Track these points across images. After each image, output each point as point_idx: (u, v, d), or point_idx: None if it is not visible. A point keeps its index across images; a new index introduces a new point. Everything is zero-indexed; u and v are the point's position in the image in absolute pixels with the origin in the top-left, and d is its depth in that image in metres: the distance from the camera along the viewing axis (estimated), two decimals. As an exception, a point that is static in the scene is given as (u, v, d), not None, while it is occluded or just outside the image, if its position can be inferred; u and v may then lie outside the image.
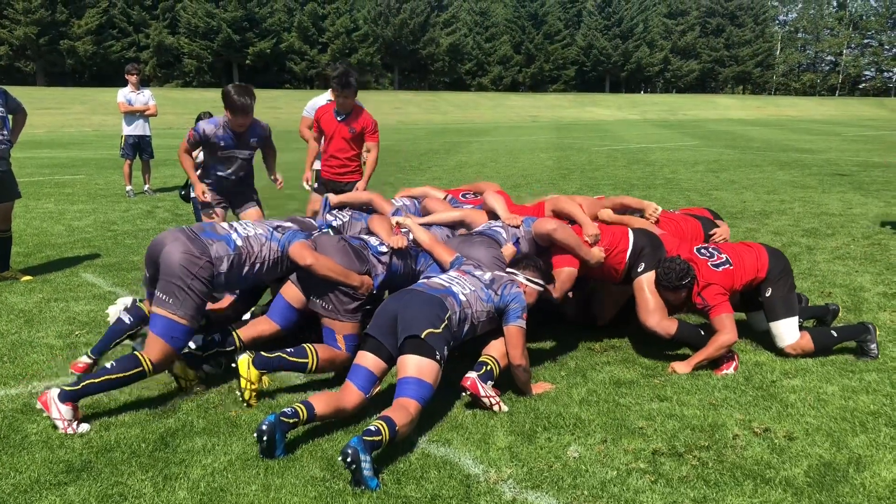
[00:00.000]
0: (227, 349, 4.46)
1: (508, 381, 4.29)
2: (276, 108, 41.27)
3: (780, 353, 4.88)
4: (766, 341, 5.08)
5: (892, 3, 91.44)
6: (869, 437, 3.75)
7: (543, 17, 78.80)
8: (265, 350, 4.20)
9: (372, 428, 3.42)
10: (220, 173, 6.14)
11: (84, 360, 4.50)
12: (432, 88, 71.71)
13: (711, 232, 5.62)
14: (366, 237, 4.74)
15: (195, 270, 4.03)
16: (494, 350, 4.30)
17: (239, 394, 4.10)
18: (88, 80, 61.83)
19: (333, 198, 5.53)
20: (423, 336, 3.79)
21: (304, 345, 4.28)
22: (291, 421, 3.56)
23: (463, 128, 40.79)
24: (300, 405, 3.62)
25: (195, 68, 65.41)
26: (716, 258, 4.90)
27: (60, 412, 3.75)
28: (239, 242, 4.24)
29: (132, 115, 12.04)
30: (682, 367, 4.70)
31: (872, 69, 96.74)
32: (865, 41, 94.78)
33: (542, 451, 3.63)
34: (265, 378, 4.20)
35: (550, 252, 4.90)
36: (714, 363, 4.71)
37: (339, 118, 6.69)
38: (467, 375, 4.09)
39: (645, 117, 53.55)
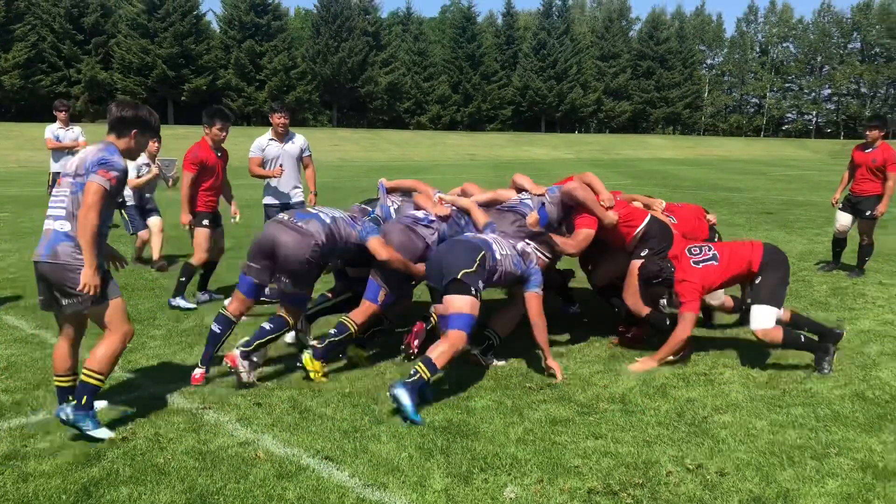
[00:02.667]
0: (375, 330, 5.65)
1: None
2: (213, 144, 40.80)
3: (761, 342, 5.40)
4: (702, 375, 5.20)
5: (811, 50, 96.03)
6: (796, 471, 3.83)
7: (480, 58, 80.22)
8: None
9: (412, 371, 4.51)
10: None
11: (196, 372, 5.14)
12: (371, 126, 71.96)
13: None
14: (414, 213, 5.79)
15: (311, 255, 4.99)
16: (495, 324, 5.46)
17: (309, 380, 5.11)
18: (15, 114, 60.07)
19: (387, 182, 6.31)
20: (459, 277, 4.78)
21: (341, 320, 5.29)
22: (416, 378, 4.47)
23: (402, 166, 40.96)
24: (420, 364, 4.54)
25: (129, 104, 64.20)
26: (702, 255, 5.51)
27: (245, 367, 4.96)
28: (328, 220, 5.19)
29: (60, 151, 11.69)
30: (644, 364, 5.43)
31: (794, 112, 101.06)
32: (787, 85, 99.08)
33: (479, 493, 3.60)
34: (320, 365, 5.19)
35: (573, 215, 5.86)
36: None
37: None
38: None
39: (580, 156, 54.71)
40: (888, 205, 9.05)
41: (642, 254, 5.80)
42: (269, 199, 8.01)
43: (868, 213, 9.02)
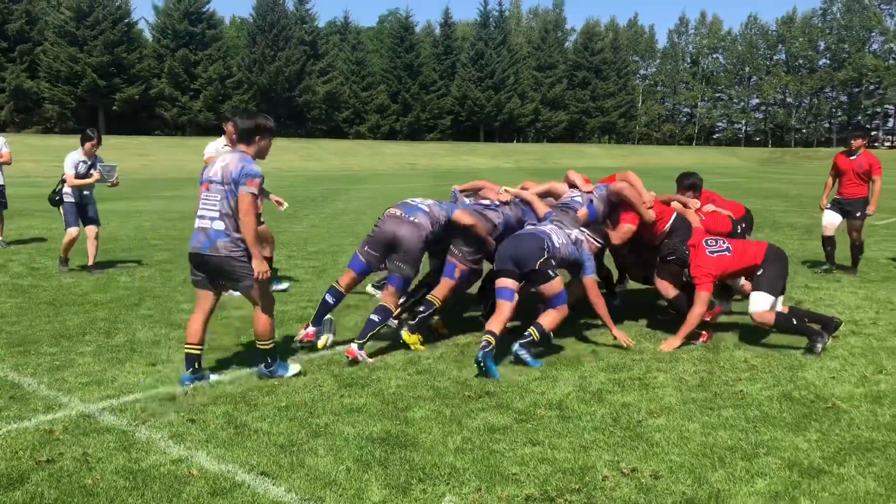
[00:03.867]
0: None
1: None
2: (145, 154, 39.91)
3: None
4: (636, 380, 5.29)
5: (739, 61, 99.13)
6: (727, 472, 3.92)
7: (419, 68, 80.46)
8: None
9: (526, 333, 5.82)
10: None
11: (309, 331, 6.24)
12: (310, 136, 71.35)
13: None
14: (482, 201, 6.83)
15: (422, 242, 6.12)
16: (542, 320, 5.91)
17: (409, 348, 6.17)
18: (-64, 125, 57.75)
19: (458, 187, 7.21)
20: (537, 268, 5.77)
21: (427, 297, 6.39)
22: (490, 348, 5.51)
23: (341, 175, 40.76)
24: (488, 336, 5.58)
25: (57, 114, 62.31)
26: (717, 246, 6.36)
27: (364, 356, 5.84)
28: (426, 209, 6.24)
29: (-17, 162, 11.29)
30: (671, 344, 6.21)
31: (724, 121, 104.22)
32: (717, 95, 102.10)
33: (417, 503, 3.59)
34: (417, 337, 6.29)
35: (618, 210, 6.86)
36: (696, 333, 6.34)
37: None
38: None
39: (518, 165, 55.29)
40: (876, 204, 9.95)
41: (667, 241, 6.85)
42: None
43: (859, 213, 9.81)
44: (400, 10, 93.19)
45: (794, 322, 6.20)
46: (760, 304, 6.15)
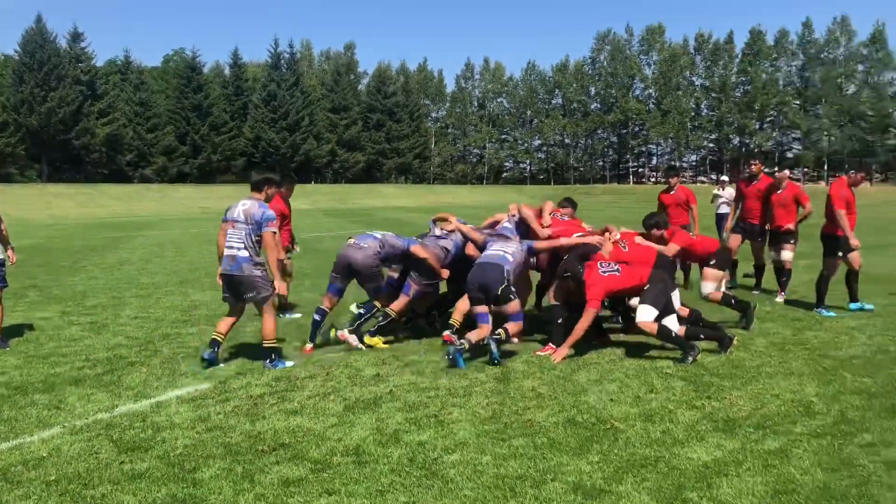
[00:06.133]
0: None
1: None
2: None
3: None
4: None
5: (521, 105, 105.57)
6: (518, 501, 4.04)
7: (209, 109, 78.04)
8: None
9: (497, 332, 7.05)
10: None
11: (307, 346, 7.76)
12: (89, 180, 66.57)
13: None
14: (435, 233, 8.46)
15: (374, 262, 7.73)
16: (508, 326, 7.19)
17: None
18: None
19: (433, 217, 8.87)
20: (500, 293, 7.19)
21: (384, 310, 7.88)
22: (462, 349, 6.89)
23: (125, 222, 38.37)
24: (464, 341, 6.98)
25: None
26: (609, 267, 7.32)
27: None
28: (377, 236, 7.89)
29: None
30: (560, 353, 7.08)
31: (511, 161, 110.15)
32: (503, 136, 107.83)
33: (204, 573, 3.35)
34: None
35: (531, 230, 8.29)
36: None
37: None
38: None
39: (316, 206, 54.95)
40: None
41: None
42: None
43: (760, 238, 11.15)
44: (186, 49, 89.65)
45: (672, 335, 7.07)
46: (645, 315, 7.09)
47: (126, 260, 17.78)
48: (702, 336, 7.42)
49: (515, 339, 7.49)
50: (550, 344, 7.52)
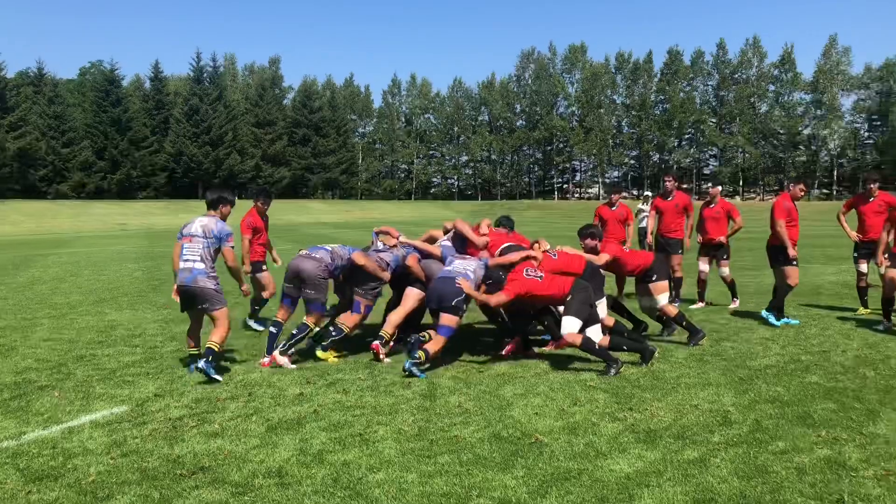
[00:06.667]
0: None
1: None
2: None
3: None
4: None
5: (448, 121, 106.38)
6: (443, 519, 4.01)
7: (128, 123, 76.11)
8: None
9: (416, 354, 7.18)
10: None
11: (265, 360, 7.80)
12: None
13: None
14: (377, 246, 8.46)
15: (323, 273, 7.82)
16: (428, 346, 7.36)
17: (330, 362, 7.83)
18: None
19: (376, 229, 8.86)
20: (454, 304, 7.43)
21: (336, 322, 8.16)
22: (420, 362, 7.16)
23: (38, 239, 36.87)
24: (422, 352, 7.19)
25: None
26: (534, 272, 7.57)
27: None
28: (328, 248, 8.03)
29: None
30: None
31: (438, 176, 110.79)
32: (431, 152, 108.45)
33: None
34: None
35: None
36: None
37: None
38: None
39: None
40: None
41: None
42: None
43: (680, 251, 11.53)
44: (104, 62, 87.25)
45: (595, 348, 7.28)
46: (569, 326, 7.33)
47: (38, 279, 17.06)
48: (625, 347, 7.57)
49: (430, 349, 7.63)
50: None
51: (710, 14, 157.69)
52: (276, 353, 7.67)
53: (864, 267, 10.59)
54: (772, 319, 9.56)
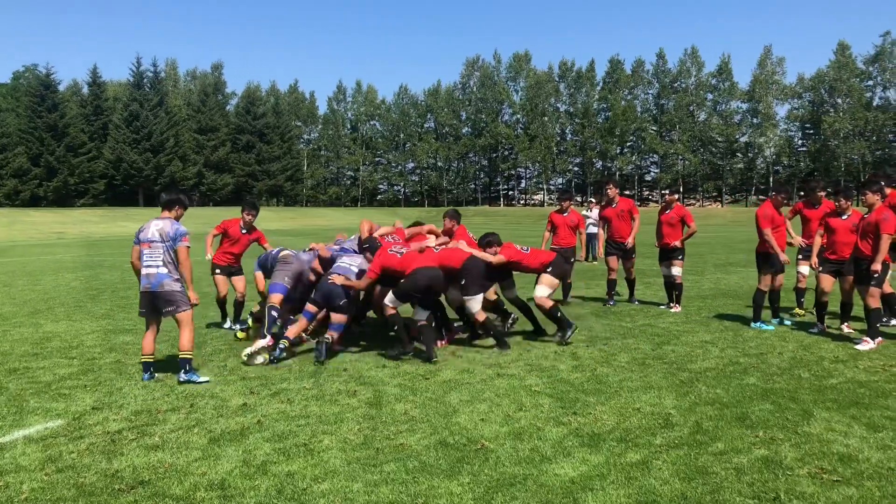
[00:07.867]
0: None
1: None
2: None
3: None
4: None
5: (394, 128, 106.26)
6: (389, 528, 3.99)
7: (65, 129, 74.13)
8: None
9: (323, 338, 8.20)
10: None
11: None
12: (-72, 204, 61.51)
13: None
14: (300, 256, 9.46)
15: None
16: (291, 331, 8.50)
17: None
18: None
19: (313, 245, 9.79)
20: (341, 304, 8.37)
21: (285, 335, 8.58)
22: (280, 351, 8.13)
23: (-31, 249, 35.51)
24: (284, 339, 8.26)
25: None
26: (398, 249, 8.66)
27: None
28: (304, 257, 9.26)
29: None
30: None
31: (385, 183, 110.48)
32: (377, 159, 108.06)
33: None
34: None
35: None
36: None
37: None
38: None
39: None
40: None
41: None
42: None
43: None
44: (38, 66, 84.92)
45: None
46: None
47: (-31, 290, 16.42)
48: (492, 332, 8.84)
49: (338, 347, 8.68)
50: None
51: (651, 24, 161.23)
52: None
53: (804, 269, 10.97)
54: (766, 326, 9.96)
